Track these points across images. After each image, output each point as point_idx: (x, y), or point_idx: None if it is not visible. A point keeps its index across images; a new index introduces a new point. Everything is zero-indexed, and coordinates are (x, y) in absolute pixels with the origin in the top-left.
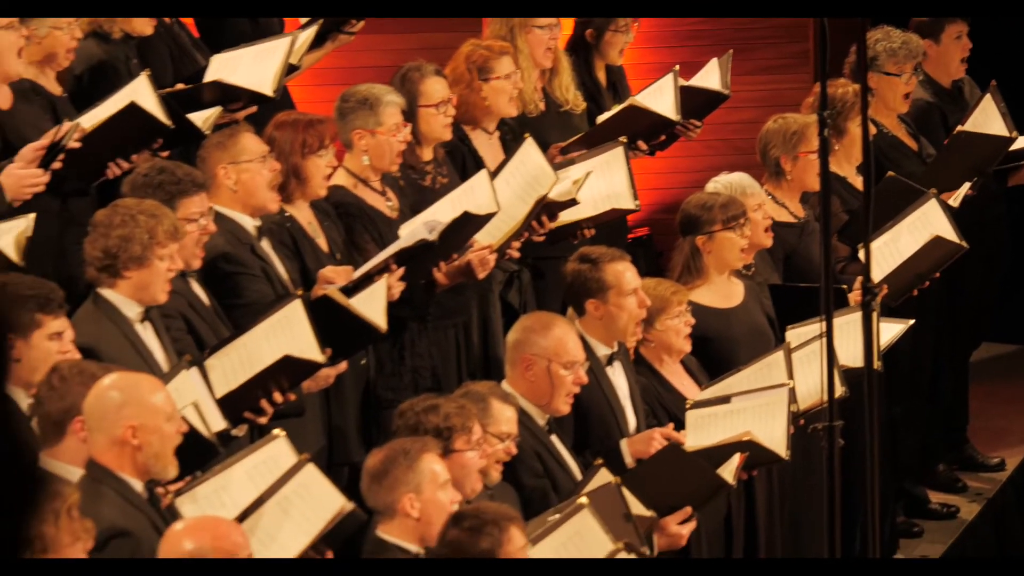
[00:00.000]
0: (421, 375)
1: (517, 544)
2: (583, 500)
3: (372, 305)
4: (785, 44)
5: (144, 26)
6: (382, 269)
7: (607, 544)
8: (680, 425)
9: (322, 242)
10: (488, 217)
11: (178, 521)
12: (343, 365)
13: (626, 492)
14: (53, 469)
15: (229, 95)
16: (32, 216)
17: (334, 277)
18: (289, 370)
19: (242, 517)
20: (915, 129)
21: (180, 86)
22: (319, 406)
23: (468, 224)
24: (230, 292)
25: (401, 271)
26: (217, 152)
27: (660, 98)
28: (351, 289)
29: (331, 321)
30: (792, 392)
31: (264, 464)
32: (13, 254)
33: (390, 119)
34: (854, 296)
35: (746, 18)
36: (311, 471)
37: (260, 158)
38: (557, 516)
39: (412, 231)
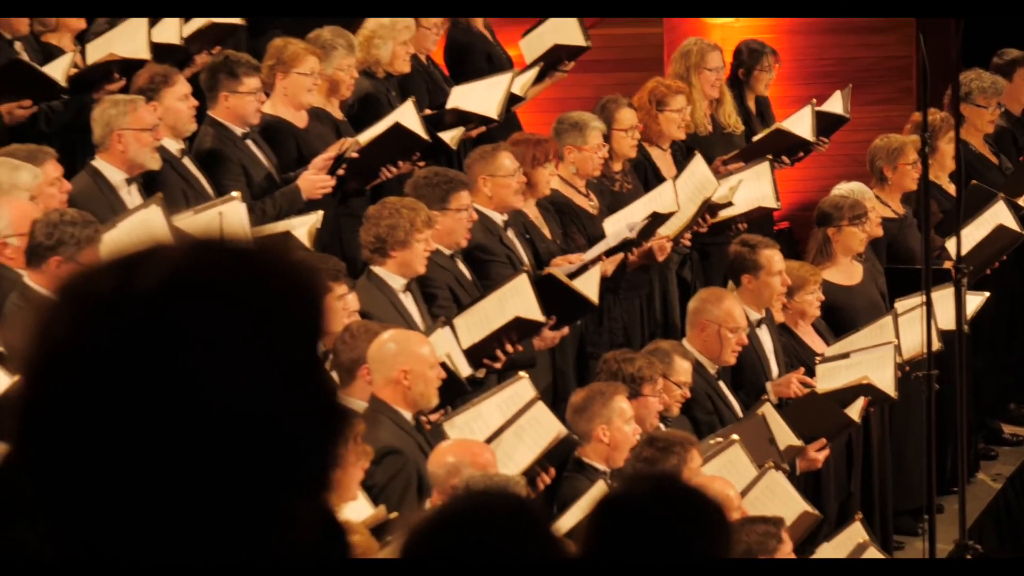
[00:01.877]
0: (615, 334)
1: (695, 463)
2: (735, 436)
3: (588, 284)
4: (895, 81)
5: (403, 65)
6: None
7: (752, 471)
8: (811, 374)
9: (546, 232)
10: (669, 215)
11: (443, 441)
12: (565, 330)
13: (771, 421)
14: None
15: (465, 118)
16: (320, 212)
17: (561, 262)
18: (518, 328)
19: (489, 440)
20: (996, 148)
21: (428, 111)
22: (547, 355)
23: (655, 221)
24: (483, 274)
25: (618, 258)
26: (480, 164)
27: (800, 123)
28: (573, 272)
29: (556, 295)
30: (898, 347)
31: (510, 399)
32: (306, 241)
33: (594, 139)
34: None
35: (854, 56)
36: (540, 406)
37: (511, 172)
38: (720, 440)
39: (616, 231)
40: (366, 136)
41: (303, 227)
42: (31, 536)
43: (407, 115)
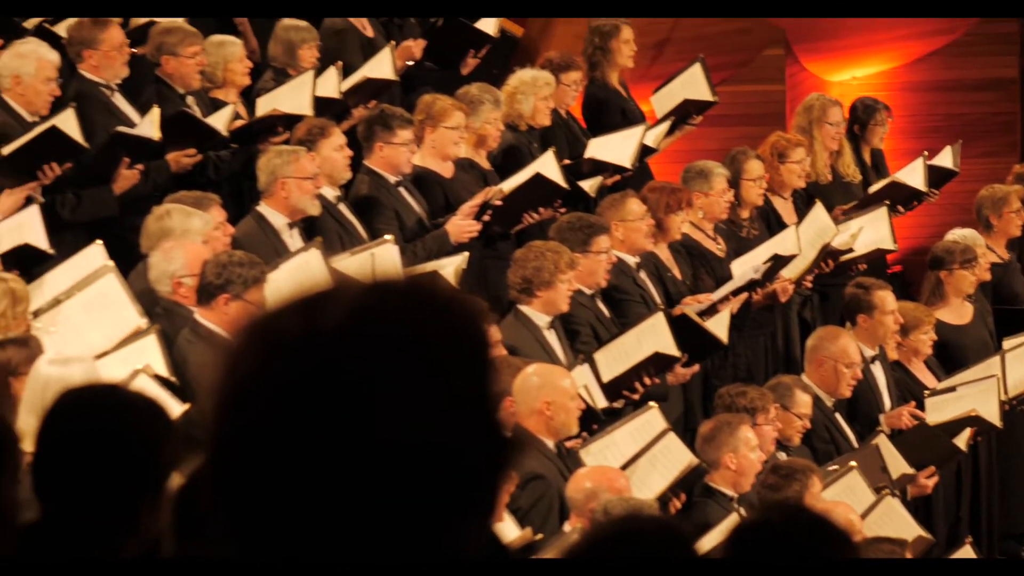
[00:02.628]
0: (739, 369)
1: (817, 489)
2: (853, 463)
3: (719, 325)
4: (999, 135)
5: (544, 118)
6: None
7: (869, 495)
8: (921, 407)
9: (676, 273)
10: (791, 258)
11: (582, 468)
12: (696, 367)
13: (884, 450)
14: None
15: (602, 168)
16: (466, 254)
17: (691, 302)
18: (656, 363)
19: (625, 467)
20: None
21: (567, 161)
22: (677, 388)
23: (778, 264)
24: (620, 312)
25: (742, 298)
26: (611, 210)
27: (913, 175)
28: (702, 311)
29: (688, 334)
30: (1003, 382)
31: (641, 428)
32: (452, 281)
33: (719, 185)
34: None
35: (962, 111)
36: (671, 436)
37: (640, 217)
38: (838, 468)
39: (742, 272)
40: (510, 184)
41: (450, 267)
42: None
43: (547, 165)
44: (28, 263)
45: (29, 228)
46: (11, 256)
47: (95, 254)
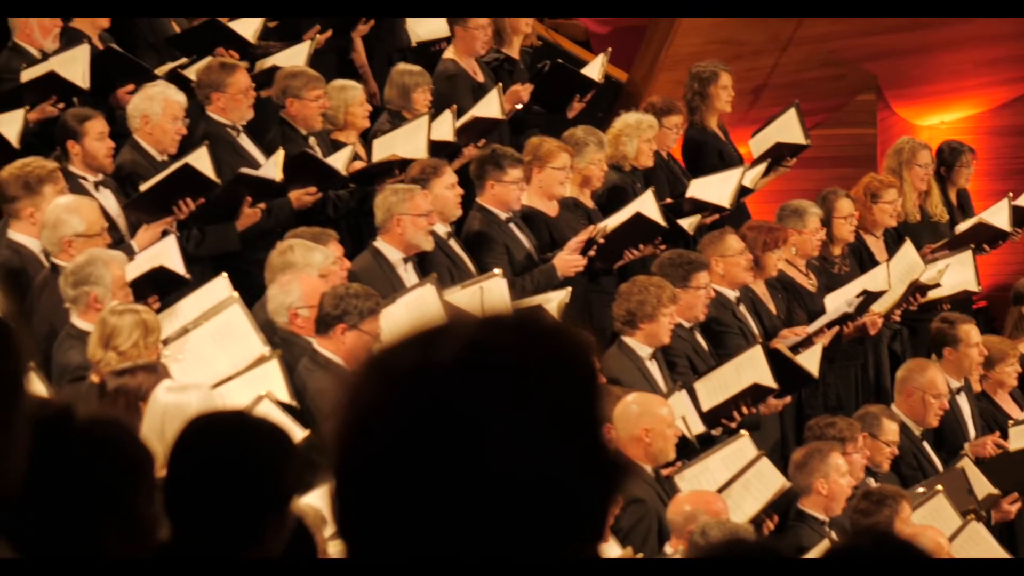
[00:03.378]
0: (829, 399)
1: (906, 514)
2: (939, 487)
3: (811, 360)
4: None
5: (647, 160)
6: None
7: (955, 518)
8: (1006, 437)
9: (772, 308)
10: (880, 293)
11: (681, 492)
12: (788, 398)
13: (970, 474)
14: None
15: (701, 207)
16: (570, 288)
17: (787, 334)
18: (753, 394)
19: (721, 490)
20: None
21: (668, 200)
22: (771, 416)
23: (868, 299)
24: (718, 344)
25: (833, 332)
26: (711, 246)
27: (998, 215)
28: (796, 344)
29: (782, 367)
30: None
31: (733, 455)
32: (556, 314)
33: (812, 223)
34: None
35: None
36: (765, 461)
37: (739, 252)
38: (925, 491)
39: (835, 307)
40: (613, 222)
41: (553, 301)
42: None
43: (648, 205)
44: (165, 289)
45: (167, 256)
46: (150, 281)
47: (220, 286)
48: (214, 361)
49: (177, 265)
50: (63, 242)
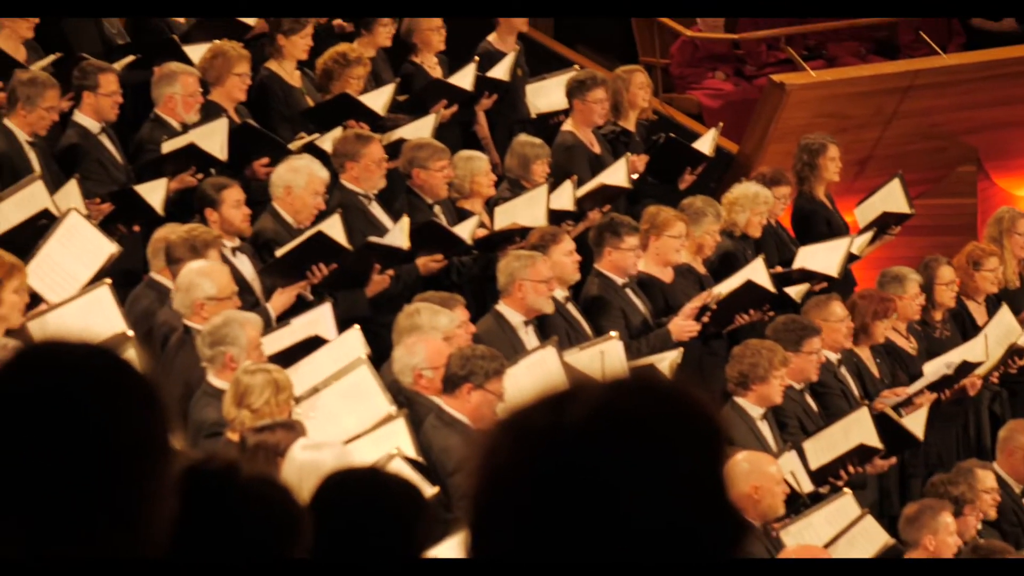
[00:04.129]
0: (931, 457)
1: None
2: None
3: (915, 422)
4: None
5: (756, 229)
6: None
7: None
8: None
9: (874, 371)
10: (979, 364)
11: (788, 547)
12: (893, 459)
13: None
14: None
15: (808, 276)
16: (681, 349)
17: (889, 395)
18: (860, 454)
19: (827, 545)
20: None
21: (778, 269)
22: (875, 479)
23: (968, 367)
24: (821, 405)
25: (934, 396)
26: (815, 310)
27: None
28: (898, 405)
29: (886, 429)
30: None
31: (836, 512)
32: (669, 375)
33: (911, 289)
34: None
35: None
36: (869, 518)
37: (841, 319)
38: None
39: (935, 368)
40: (725, 289)
41: (665, 362)
42: None
43: (758, 272)
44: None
45: (322, 323)
46: (304, 346)
47: (353, 339)
48: (343, 419)
49: (331, 333)
50: (195, 305)
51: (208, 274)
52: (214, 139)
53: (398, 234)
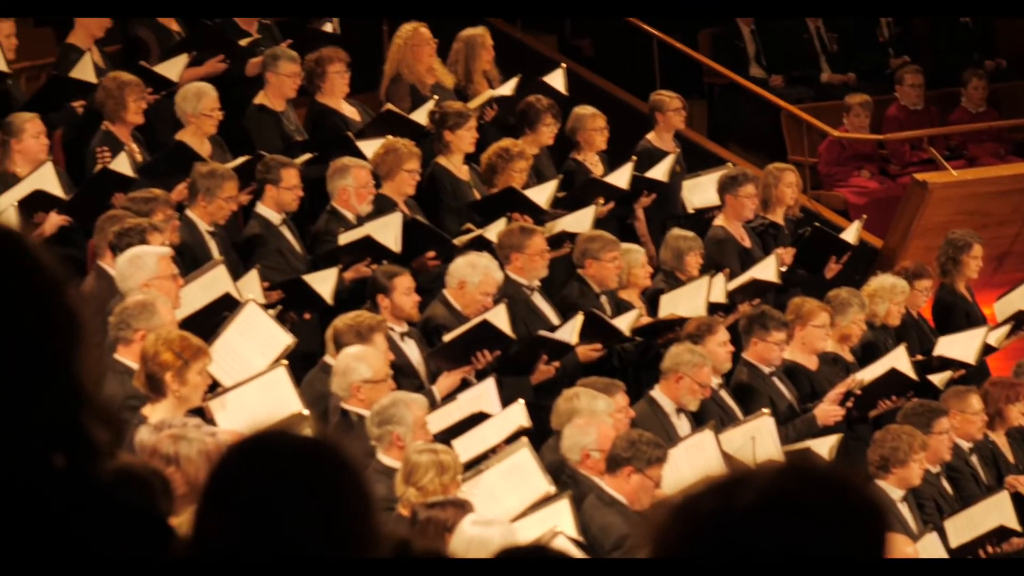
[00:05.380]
0: None
1: None
2: None
3: None
4: None
5: (895, 319)
6: None
7: None
8: None
9: (1010, 456)
10: None
11: None
12: None
13: None
14: None
15: (947, 364)
16: (840, 435)
17: (1013, 482)
18: (998, 535)
19: None
20: None
21: (919, 357)
22: None
23: None
24: (956, 489)
25: None
26: (953, 400)
27: None
28: None
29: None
30: None
31: None
32: (828, 458)
33: None
34: None
35: None
36: None
37: (977, 412)
38: None
39: None
40: (869, 375)
41: (825, 446)
42: None
43: (901, 360)
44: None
45: (486, 399)
46: (468, 424)
47: (517, 413)
48: (505, 498)
49: (495, 408)
50: (352, 387)
51: (364, 358)
52: (388, 232)
53: (567, 330)
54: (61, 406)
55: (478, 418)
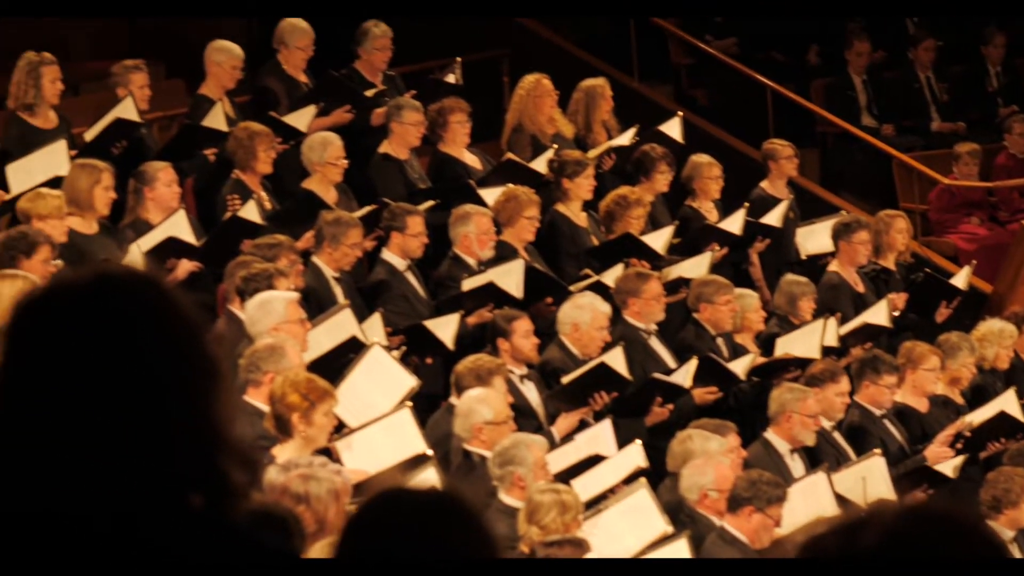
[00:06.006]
0: None
1: None
2: None
3: None
4: None
5: (1004, 362)
6: None
7: None
8: None
9: None
10: None
11: None
12: None
13: None
14: None
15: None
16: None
17: None
18: None
19: None
20: None
21: None
22: None
23: None
24: None
25: None
26: None
27: None
28: None
29: None
30: None
31: None
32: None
33: None
34: None
35: None
36: None
37: None
38: None
39: None
40: (979, 418)
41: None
42: None
43: (1010, 403)
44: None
45: (601, 441)
46: (583, 464)
47: (634, 453)
48: (623, 537)
49: (612, 449)
50: (474, 429)
51: (485, 400)
52: (511, 278)
53: (682, 374)
54: (200, 448)
55: (596, 459)
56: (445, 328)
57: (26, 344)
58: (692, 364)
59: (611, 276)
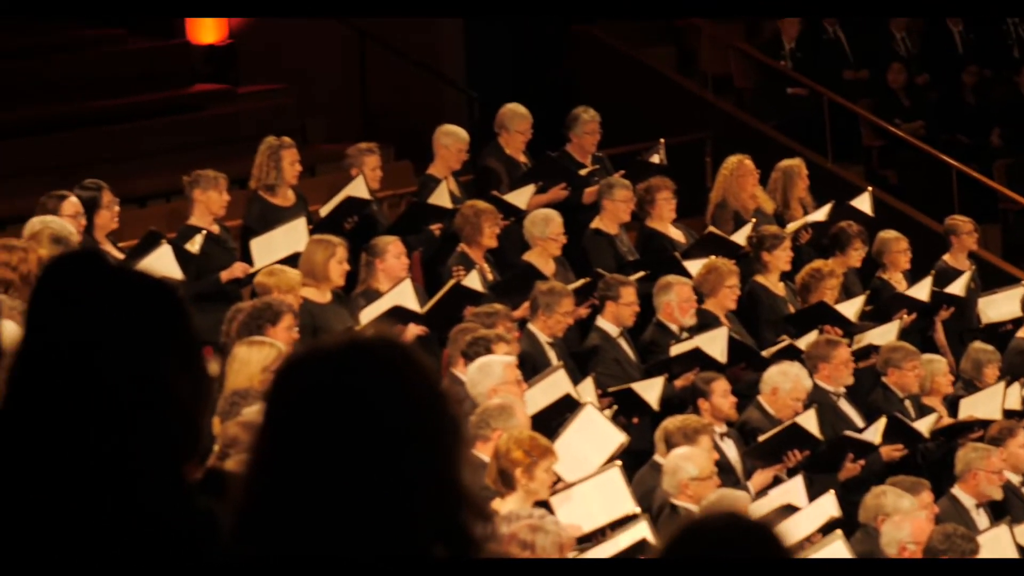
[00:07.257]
0: None
1: None
2: None
3: None
4: None
5: None
6: None
7: None
8: None
9: None
10: None
11: None
12: None
13: None
14: None
15: None
16: None
17: None
18: None
19: None
20: None
21: None
22: None
23: None
24: None
25: None
26: None
27: None
28: None
29: None
30: None
31: None
32: None
33: None
34: None
35: None
36: None
37: None
38: None
39: None
40: None
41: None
42: None
43: None
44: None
45: (794, 493)
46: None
47: (828, 503)
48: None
49: (803, 502)
50: (681, 484)
51: (691, 457)
52: (715, 344)
53: (872, 432)
54: (444, 502)
55: (788, 510)
56: (651, 390)
57: (289, 406)
58: (881, 422)
59: (804, 342)
